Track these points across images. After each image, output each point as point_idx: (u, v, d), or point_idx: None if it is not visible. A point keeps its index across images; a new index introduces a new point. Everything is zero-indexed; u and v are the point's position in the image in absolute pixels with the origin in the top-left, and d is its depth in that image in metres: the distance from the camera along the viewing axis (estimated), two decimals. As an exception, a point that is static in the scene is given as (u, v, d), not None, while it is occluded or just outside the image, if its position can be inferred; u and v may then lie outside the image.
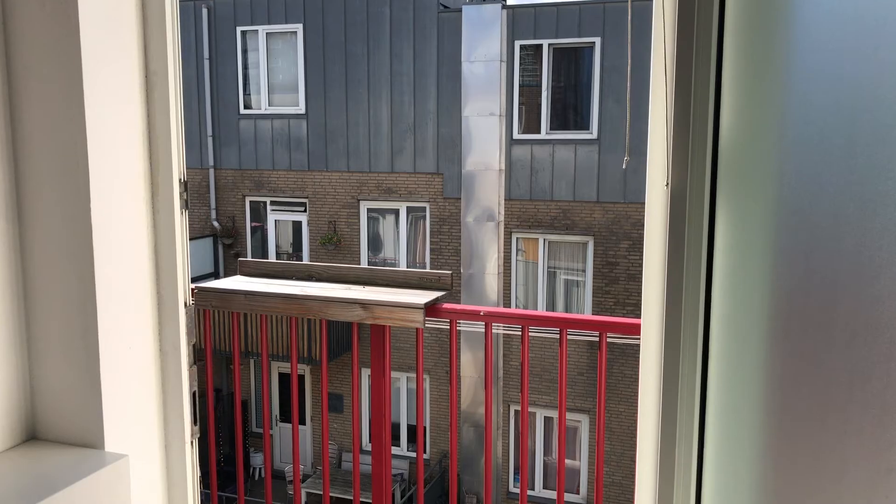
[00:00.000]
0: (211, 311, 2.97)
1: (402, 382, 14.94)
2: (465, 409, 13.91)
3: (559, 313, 2.59)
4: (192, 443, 1.50)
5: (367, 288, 2.80)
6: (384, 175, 14.53)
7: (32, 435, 1.38)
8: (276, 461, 16.50)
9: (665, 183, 1.23)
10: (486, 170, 13.42)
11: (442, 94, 13.97)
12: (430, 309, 2.59)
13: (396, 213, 14.81)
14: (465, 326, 2.53)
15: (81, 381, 1.32)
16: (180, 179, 1.42)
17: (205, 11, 15.21)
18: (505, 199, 13.59)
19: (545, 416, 14.04)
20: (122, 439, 1.37)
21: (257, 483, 15.85)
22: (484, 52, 13.33)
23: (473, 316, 2.57)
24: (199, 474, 1.52)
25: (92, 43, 1.26)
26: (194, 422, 1.50)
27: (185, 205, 1.44)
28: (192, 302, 1.47)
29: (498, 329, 2.62)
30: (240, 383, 3.10)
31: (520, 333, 2.63)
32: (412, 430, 15.34)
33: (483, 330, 2.64)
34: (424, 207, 14.51)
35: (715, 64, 1.20)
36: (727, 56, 1.20)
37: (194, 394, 1.49)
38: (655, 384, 1.32)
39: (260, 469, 16.06)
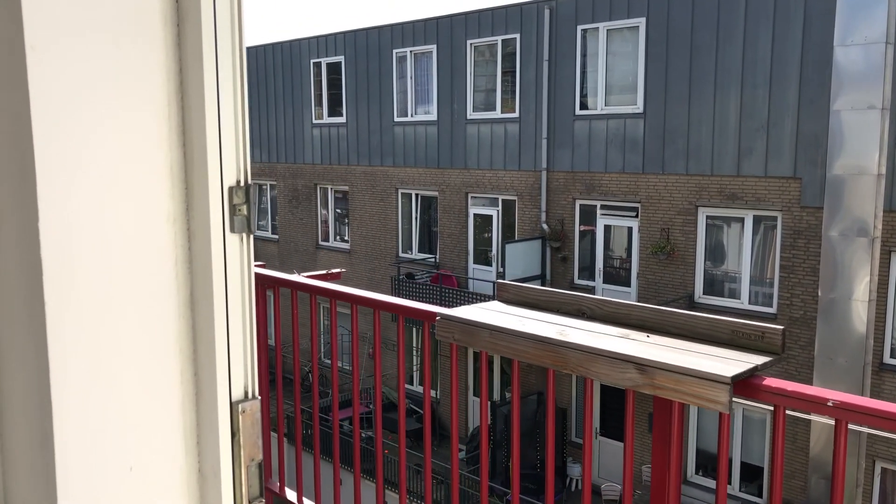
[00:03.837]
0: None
1: (738, 410, 13.25)
2: (815, 454, 11.80)
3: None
4: None
5: (653, 337, 1.98)
6: (728, 178, 12.97)
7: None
8: (593, 475, 15.87)
9: None
10: (859, 174, 11.19)
11: (805, 86, 12.00)
12: (743, 384, 1.68)
13: (741, 221, 13.15)
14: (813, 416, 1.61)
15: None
16: (238, 182, 0.81)
17: (547, 12, 15.10)
18: (883, 211, 11.16)
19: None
20: None
21: (573, 494, 15.38)
22: (864, 33, 11.16)
23: (816, 406, 1.60)
24: None
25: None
26: None
27: (246, 224, 0.83)
28: (257, 393, 0.85)
29: (858, 428, 1.65)
30: (487, 422, 2.51)
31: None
32: (747, 469, 13.54)
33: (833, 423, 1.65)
34: (776, 217, 12.66)
35: None
36: None
37: (258, 548, 0.88)
38: None
39: (577, 480, 15.59)
